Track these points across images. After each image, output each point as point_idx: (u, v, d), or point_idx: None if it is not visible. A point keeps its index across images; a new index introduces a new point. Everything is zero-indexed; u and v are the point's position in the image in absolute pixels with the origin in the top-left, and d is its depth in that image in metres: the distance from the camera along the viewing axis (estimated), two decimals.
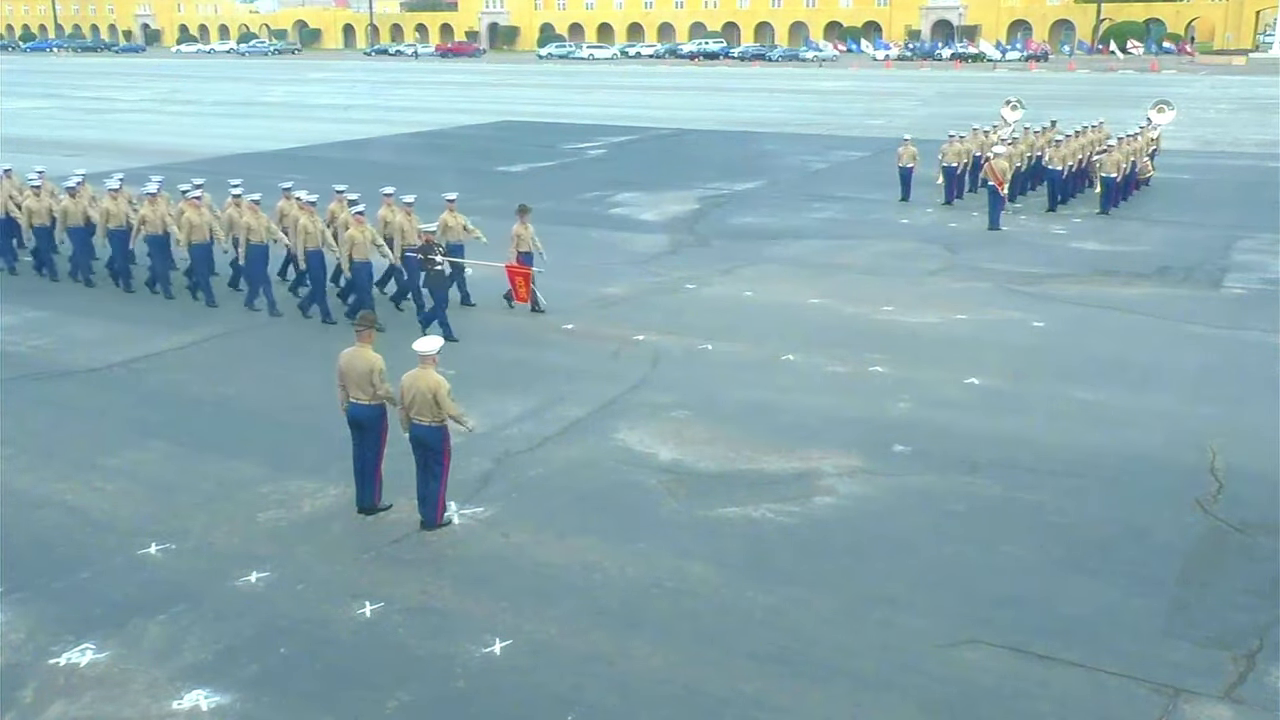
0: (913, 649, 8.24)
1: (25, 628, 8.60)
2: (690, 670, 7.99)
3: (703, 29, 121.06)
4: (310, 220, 16.36)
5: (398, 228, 16.59)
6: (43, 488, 11.12)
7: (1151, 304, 17.69)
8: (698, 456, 11.78)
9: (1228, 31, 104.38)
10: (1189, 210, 26.01)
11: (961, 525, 10.18)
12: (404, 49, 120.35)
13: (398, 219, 16.64)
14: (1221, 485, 10.95)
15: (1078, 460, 11.56)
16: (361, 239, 15.97)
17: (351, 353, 10.18)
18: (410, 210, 16.78)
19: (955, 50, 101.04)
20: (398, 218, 16.64)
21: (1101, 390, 13.63)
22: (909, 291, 18.51)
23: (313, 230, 16.33)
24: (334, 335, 15.36)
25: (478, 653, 8.23)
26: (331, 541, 10.00)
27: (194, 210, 17.32)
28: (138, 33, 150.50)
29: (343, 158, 36.46)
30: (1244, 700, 7.62)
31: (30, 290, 19.12)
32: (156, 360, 15.27)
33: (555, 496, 10.86)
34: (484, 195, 20.40)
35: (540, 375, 14.35)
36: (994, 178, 23.55)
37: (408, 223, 16.60)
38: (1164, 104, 31.19)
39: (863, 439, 12.19)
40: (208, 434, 12.52)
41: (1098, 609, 8.76)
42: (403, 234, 16.55)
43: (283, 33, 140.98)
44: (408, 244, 16.47)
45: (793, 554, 9.68)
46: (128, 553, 9.76)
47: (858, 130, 44.14)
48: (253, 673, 8.01)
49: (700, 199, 28.08)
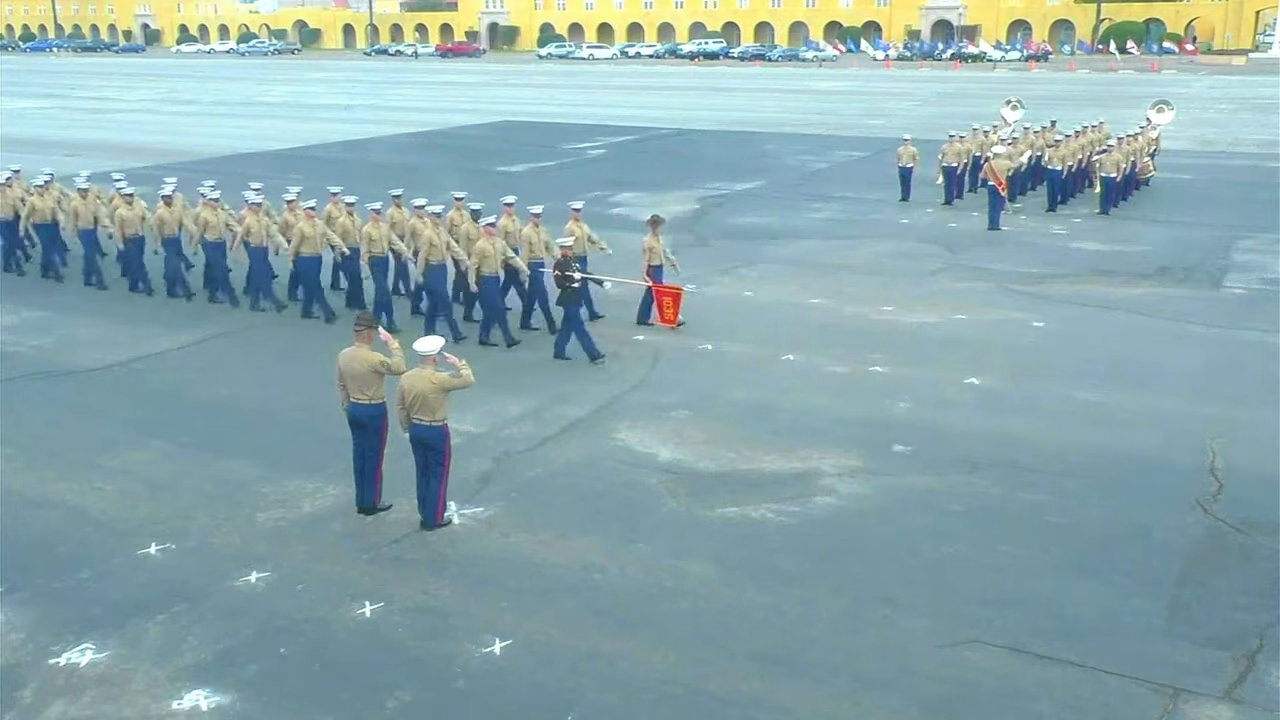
0: (913, 649, 8.24)
1: (25, 627, 8.60)
2: (690, 670, 7.99)
3: (703, 29, 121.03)
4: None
5: (524, 239, 15.75)
6: (43, 487, 11.12)
7: (1151, 304, 17.69)
8: (698, 456, 11.79)
9: (1227, 31, 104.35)
10: (1189, 210, 26.01)
11: (961, 525, 10.18)
12: (404, 49, 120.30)
13: (525, 231, 15.81)
14: (1221, 485, 10.96)
15: (1077, 460, 11.57)
16: (492, 252, 15.10)
17: (350, 352, 10.18)
18: (538, 221, 15.78)
19: (955, 50, 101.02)
20: (525, 229, 15.83)
21: (1101, 390, 13.63)
22: (909, 291, 18.51)
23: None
24: (334, 335, 15.34)
25: (478, 653, 8.23)
26: (331, 541, 10.00)
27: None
28: (138, 33, 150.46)
29: (342, 158, 36.48)
30: (1244, 700, 7.62)
31: (30, 290, 19.12)
32: (157, 360, 15.28)
33: (555, 496, 10.87)
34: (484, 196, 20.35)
35: (540, 375, 14.35)
36: (994, 178, 23.55)
37: (535, 235, 15.69)
38: (1163, 104, 31.19)
39: (863, 439, 12.19)
40: (208, 434, 12.52)
41: (1098, 609, 8.76)
42: (530, 246, 15.64)
43: (282, 33, 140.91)
44: (534, 256, 15.63)
45: (793, 554, 9.68)
46: (128, 552, 9.76)
47: (857, 130, 44.14)
48: (252, 673, 8.01)
49: (700, 199, 28.08)
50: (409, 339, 11.06)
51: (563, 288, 14.56)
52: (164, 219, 17.76)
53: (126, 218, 18.01)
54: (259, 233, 16.81)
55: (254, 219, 16.78)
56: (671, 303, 15.28)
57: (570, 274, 14.51)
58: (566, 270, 14.52)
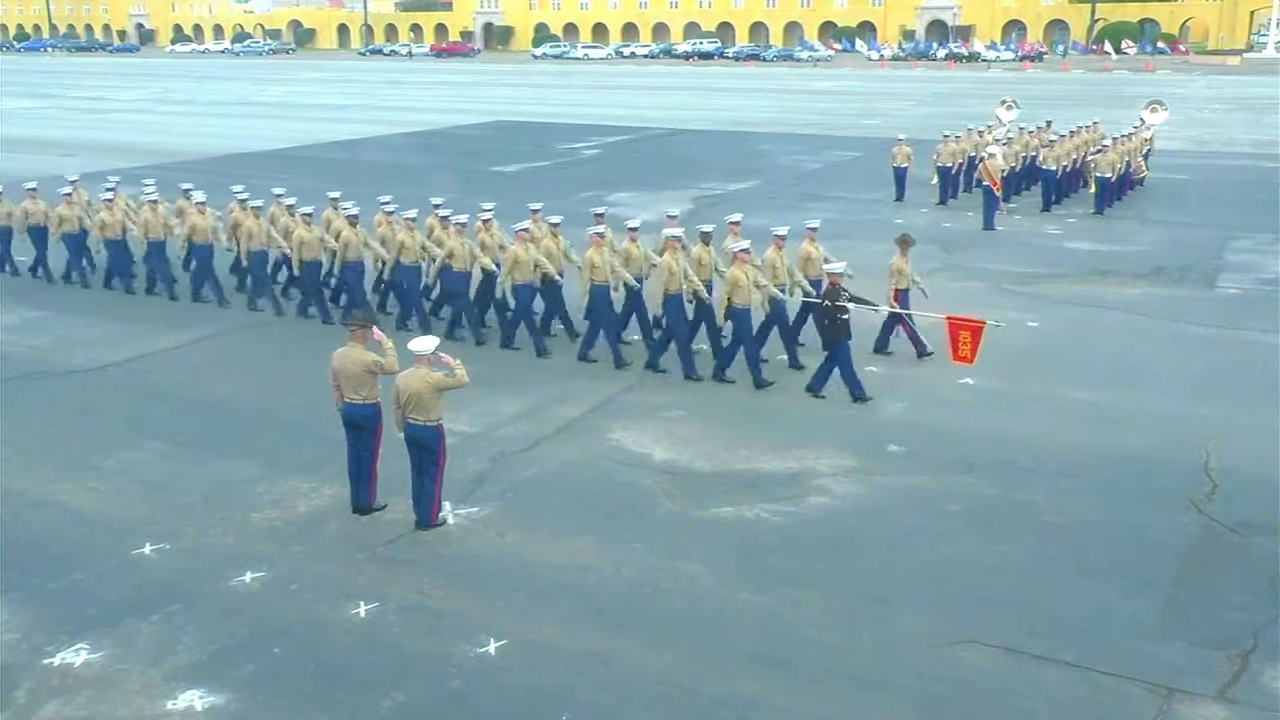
0: (908, 649, 8.25)
1: (20, 627, 8.59)
2: (685, 670, 7.99)
3: (697, 29, 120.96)
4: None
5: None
6: (39, 487, 11.10)
7: (1146, 304, 17.72)
8: (693, 456, 11.79)
9: (1222, 31, 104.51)
10: (1184, 210, 26.04)
11: (957, 525, 10.19)
12: (398, 49, 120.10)
13: (545, 244, 14.88)
14: (1216, 485, 10.97)
15: (1073, 460, 11.58)
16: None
17: (344, 353, 10.17)
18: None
19: (950, 50, 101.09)
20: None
21: (1097, 390, 13.65)
22: None
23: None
24: (329, 336, 15.33)
25: (473, 653, 8.23)
26: (326, 541, 9.99)
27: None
28: (132, 32, 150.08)
29: (337, 158, 36.45)
30: (1238, 700, 7.63)
31: (28, 290, 19.08)
32: (153, 360, 15.26)
33: (550, 496, 10.86)
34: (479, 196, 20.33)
35: (535, 375, 14.34)
36: (989, 178, 23.57)
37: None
38: (1157, 104, 31.24)
39: (857, 439, 12.20)
40: (203, 434, 12.50)
41: (1093, 609, 8.77)
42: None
43: (277, 32, 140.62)
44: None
45: (787, 554, 9.68)
46: (123, 553, 9.75)
47: (852, 130, 44.15)
48: (247, 673, 8.00)
49: (695, 199, 28.08)
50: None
51: (832, 319, 12.97)
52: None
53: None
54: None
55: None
56: (970, 338, 12.77)
57: (842, 304, 12.92)
58: (836, 300, 12.92)
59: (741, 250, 13.68)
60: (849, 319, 13.05)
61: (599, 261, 14.34)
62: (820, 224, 15.50)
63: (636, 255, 14.76)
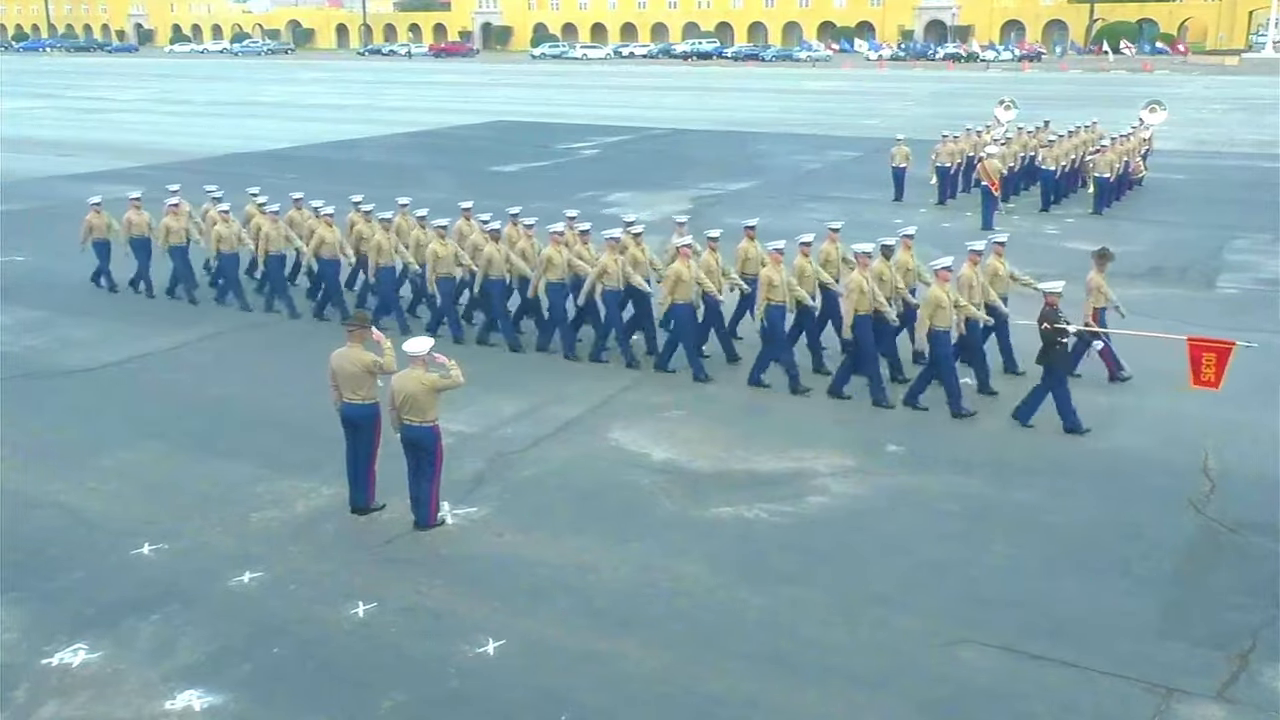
0: (907, 649, 8.25)
1: (19, 628, 8.59)
2: (684, 670, 7.99)
3: (696, 29, 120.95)
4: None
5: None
6: (37, 488, 11.10)
7: (1145, 304, 17.69)
8: (691, 456, 11.79)
9: (1220, 32, 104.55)
10: (1182, 210, 26.04)
11: (955, 525, 10.19)
12: (397, 49, 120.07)
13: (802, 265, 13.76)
14: (1214, 485, 10.98)
15: (1071, 460, 11.58)
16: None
17: (343, 352, 10.16)
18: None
19: (948, 50, 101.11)
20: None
21: (1095, 390, 13.63)
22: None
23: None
24: (330, 336, 15.32)
25: (471, 653, 8.23)
26: (325, 541, 9.99)
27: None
28: (131, 33, 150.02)
29: (336, 158, 36.43)
30: (1237, 700, 7.63)
31: (26, 290, 19.07)
32: (151, 360, 15.25)
33: (549, 496, 10.86)
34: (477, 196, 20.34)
35: (534, 375, 14.34)
36: (987, 178, 23.58)
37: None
38: (1156, 104, 31.25)
39: (856, 439, 12.20)
40: (202, 434, 12.50)
41: (1091, 609, 8.78)
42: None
43: (276, 32, 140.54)
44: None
45: (786, 554, 9.68)
46: (121, 553, 9.74)
47: (851, 130, 44.14)
48: (246, 673, 8.00)
49: (694, 199, 28.07)
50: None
51: (1051, 343, 11.99)
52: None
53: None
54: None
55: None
56: (1215, 360, 11.49)
57: (1062, 327, 11.95)
58: (1056, 322, 11.92)
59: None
60: (1067, 344, 12.14)
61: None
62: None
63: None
